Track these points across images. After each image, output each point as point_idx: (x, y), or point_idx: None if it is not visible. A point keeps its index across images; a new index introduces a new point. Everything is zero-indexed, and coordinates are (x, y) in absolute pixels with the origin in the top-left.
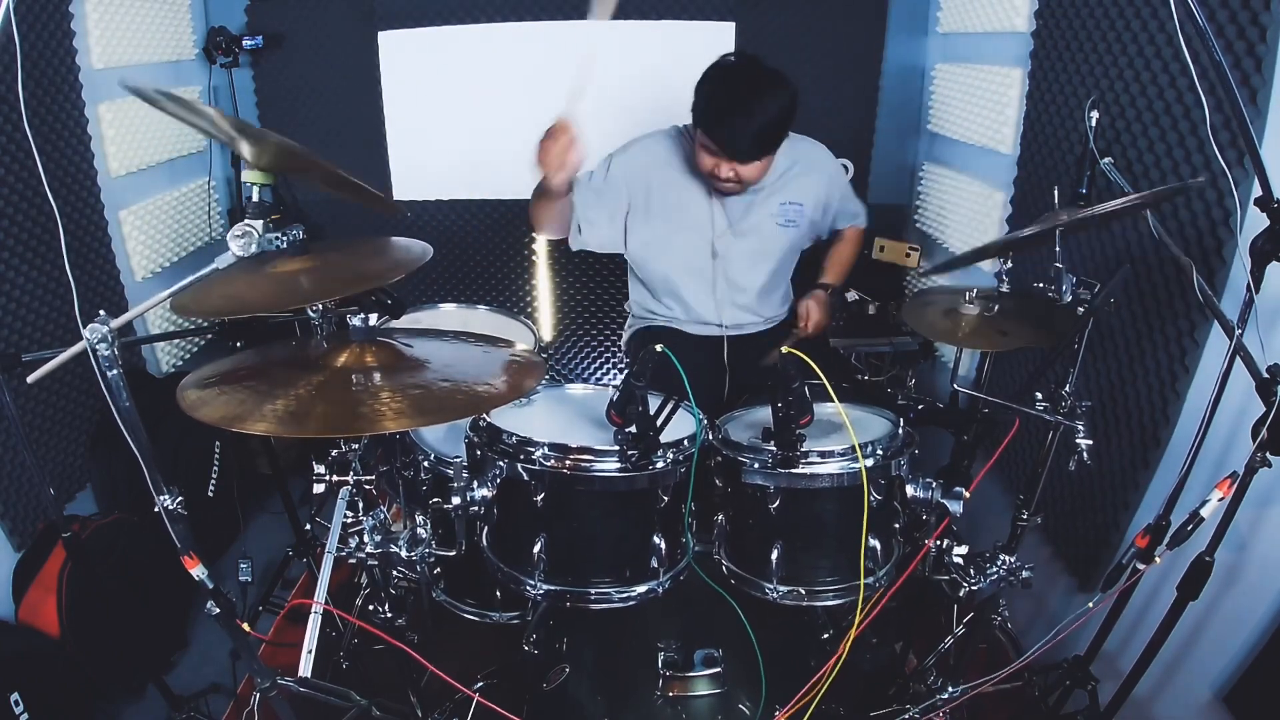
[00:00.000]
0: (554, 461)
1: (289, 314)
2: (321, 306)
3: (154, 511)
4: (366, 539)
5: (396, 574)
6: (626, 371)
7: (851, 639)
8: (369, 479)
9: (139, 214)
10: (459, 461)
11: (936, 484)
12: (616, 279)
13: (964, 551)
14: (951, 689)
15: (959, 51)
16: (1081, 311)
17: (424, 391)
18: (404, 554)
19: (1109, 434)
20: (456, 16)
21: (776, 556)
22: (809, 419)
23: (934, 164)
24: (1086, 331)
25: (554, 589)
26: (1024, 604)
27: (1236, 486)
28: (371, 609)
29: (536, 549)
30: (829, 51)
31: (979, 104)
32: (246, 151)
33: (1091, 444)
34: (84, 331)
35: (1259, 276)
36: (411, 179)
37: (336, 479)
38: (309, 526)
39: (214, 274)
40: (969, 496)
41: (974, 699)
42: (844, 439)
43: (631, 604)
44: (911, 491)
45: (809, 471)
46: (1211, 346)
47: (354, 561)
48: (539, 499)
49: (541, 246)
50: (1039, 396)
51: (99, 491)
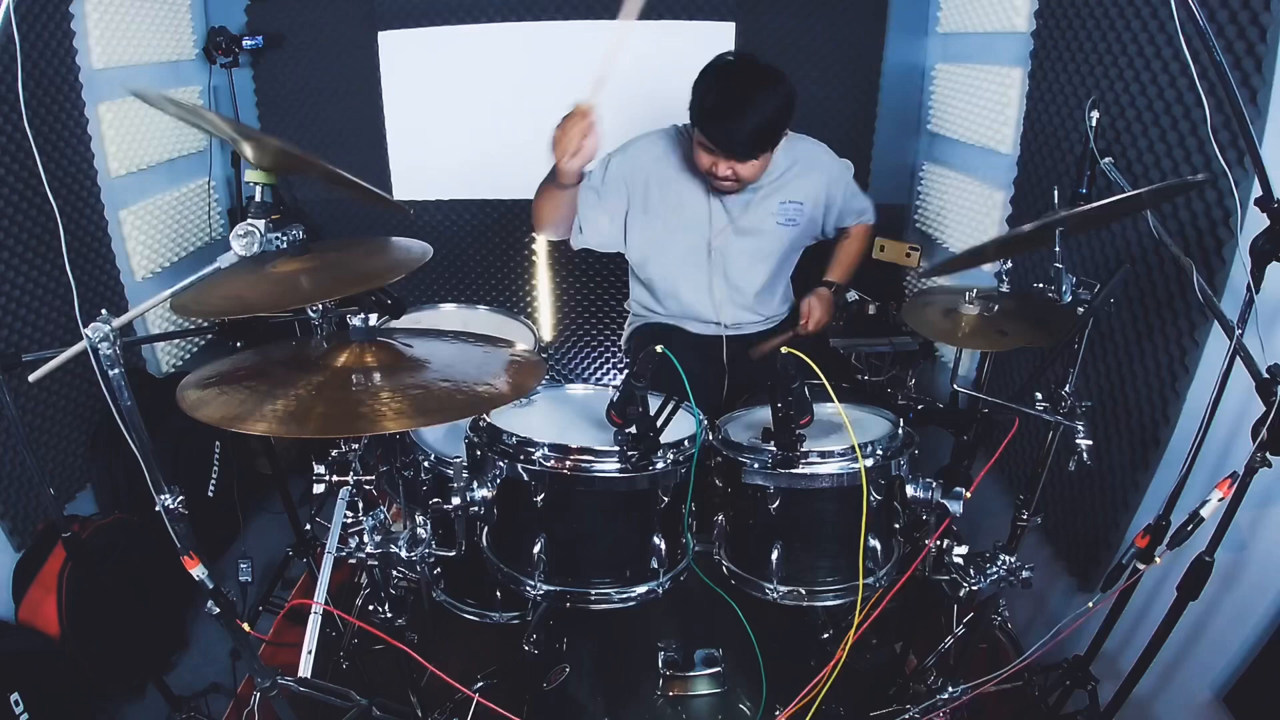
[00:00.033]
0: (554, 462)
1: (289, 314)
2: (321, 306)
3: (154, 511)
4: (366, 539)
5: (396, 574)
6: (626, 372)
7: (852, 639)
8: (369, 479)
9: (139, 214)
10: (459, 462)
11: (936, 484)
12: (616, 279)
13: (964, 551)
14: (951, 689)
15: (959, 51)
16: (1081, 311)
17: (424, 391)
18: (404, 554)
19: (1109, 434)
20: (456, 16)
21: (776, 557)
22: (809, 419)
23: (934, 164)
24: (1086, 331)
25: (554, 589)
26: (1024, 604)
27: (1236, 486)
28: (371, 609)
29: (536, 549)
30: (829, 51)
31: (979, 104)
32: (249, 152)
33: (1091, 444)
34: (85, 331)
35: (1259, 276)
36: (411, 179)
37: (336, 479)
38: (309, 526)
39: (216, 273)
40: (969, 496)
41: (974, 699)
42: (844, 439)
43: (632, 604)
44: (911, 491)
45: (809, 472)
46: (1211, 346)
47: (354, 561)
48: (539, 499)
49: (541, 246)
50: (1039, 396)
51: (99, 491)
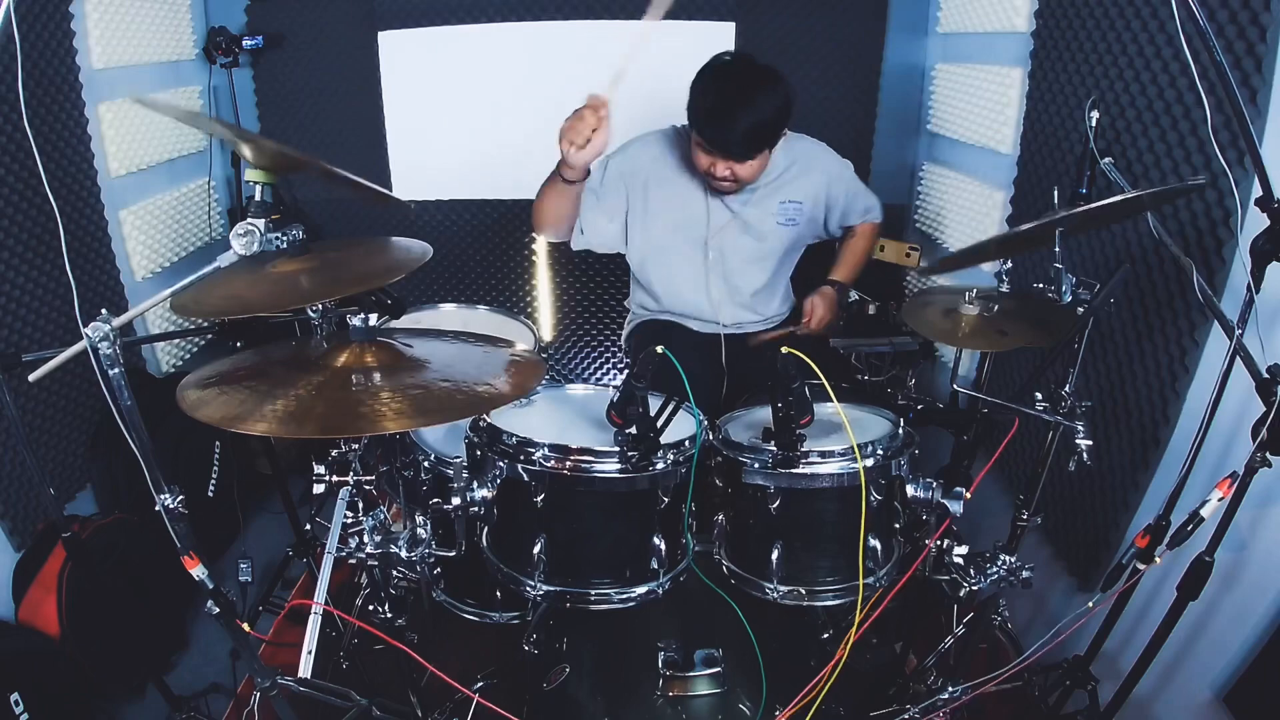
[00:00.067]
0: (554, 462)
1: (289, 314)
2: (321, 306)
3: (154, 511)
4: (366, 539)
5: (396, 574)
6: (627, 372)
7: (852, 639)
8: (369, 479)
9: (139, 214)
10: (459, 462)
11: (936, 484)
12: (616, 279)
13: (964, 551)
14: (951, 689)
15: (959, 51)
16: (1081, 311)
17: (424, 391)
18: (404, 554)
19: (1109, 434)
20: (457, 16)
21: (777, 556)
22: (809, 419)
23: (934, 164)
24: (1086, 331)
25: (554, 589)
26: (1024, 604)
27: (1236, 486)
28: (371, 609)
29: (536, 549)
30: (829, 51)
31: (979, 104)
32: (247, 152)
33: (1091, 444)
34: (85, 331)
35: (1259, 276)
36: (411, 179)
37: (336, 479)
38: (309, 526)
39: (216, 273)
40: (969, 496)
41: (974, 699)
42: (844, 439)
43: (631, 605)
44: (911, 491)
45: (809, 471)
46: (1211, 346)
47: (354, 561)
48: (539, 500)
49: (541, 246)
50: (1039, 396)
51: (99, 491)
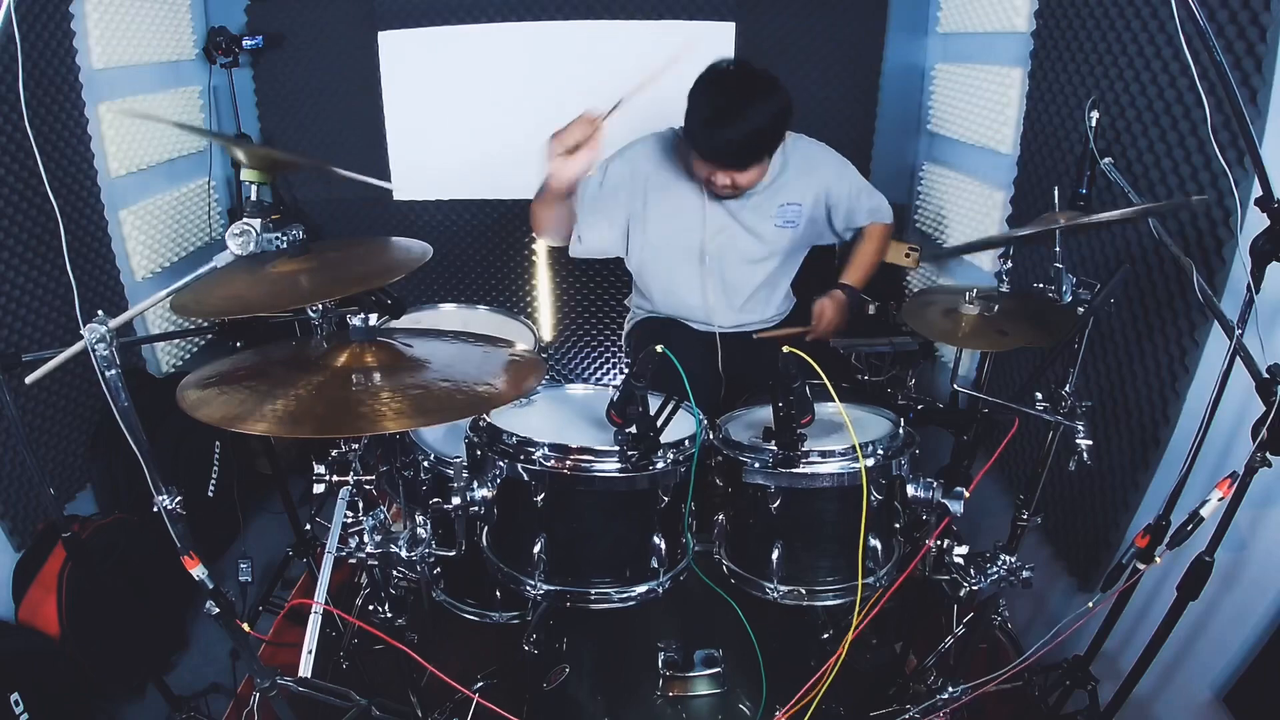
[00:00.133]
0: (554, 462)
1: (289, 314)
2: (321, 306)
3: (154, 511)
4: (366, 539)
5: (396, 574)
6: (626, 372)
7: (851, 639)
8: (369, 479)
9: (139, 214)
10: (459, 461)
11: (936, 484)
12: (616, 279)
13: (964, 551)
14: (951, 689)
15: (959, 51)
16: (1081, 311)
17: (424, 391)
18: (404, 554)
19: (1109, 434)
20: (457, 16)
21: (777, 556)
22: (810, 419)
23: (934, 164)
24: (1086, 331)
25: (554, 589)
26: (1024, 604)
27: (1236, 486)
28: (371, 609)
29: (536, 549)
30: (829, 51)
31: (979, 104)
32: (240, 154)
33: (1091, 444)
34: (82, 331)
35: (1259, 276)
36: (411, 179)
37: (336, 479)
38: (309, 526)
39: (213, 273)
40: (969, 496)
41: (974, 699)
42: (844, 439)
43: (631, 604)
44: (912, 491)
45: (809, 471)
46: (1211, 346)
47: (354, 561)
48: (539, 499)
49: (541, 246)
50: (1039, 396)
51: (99, 491)
